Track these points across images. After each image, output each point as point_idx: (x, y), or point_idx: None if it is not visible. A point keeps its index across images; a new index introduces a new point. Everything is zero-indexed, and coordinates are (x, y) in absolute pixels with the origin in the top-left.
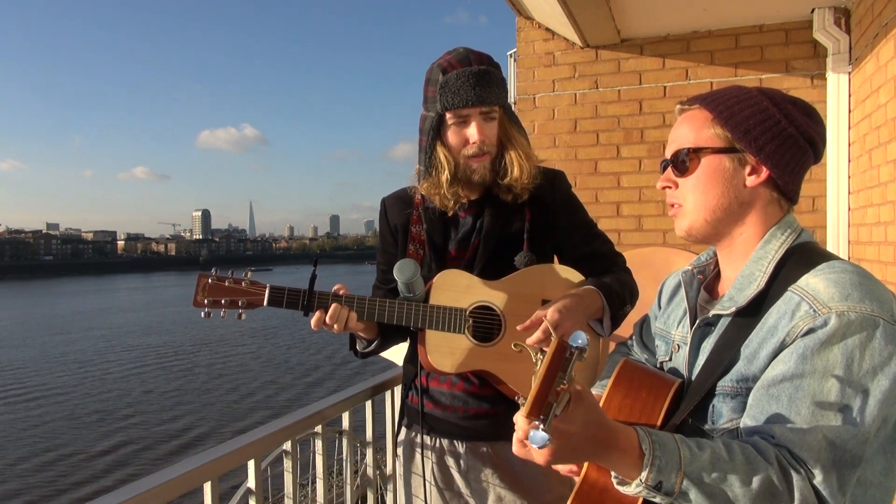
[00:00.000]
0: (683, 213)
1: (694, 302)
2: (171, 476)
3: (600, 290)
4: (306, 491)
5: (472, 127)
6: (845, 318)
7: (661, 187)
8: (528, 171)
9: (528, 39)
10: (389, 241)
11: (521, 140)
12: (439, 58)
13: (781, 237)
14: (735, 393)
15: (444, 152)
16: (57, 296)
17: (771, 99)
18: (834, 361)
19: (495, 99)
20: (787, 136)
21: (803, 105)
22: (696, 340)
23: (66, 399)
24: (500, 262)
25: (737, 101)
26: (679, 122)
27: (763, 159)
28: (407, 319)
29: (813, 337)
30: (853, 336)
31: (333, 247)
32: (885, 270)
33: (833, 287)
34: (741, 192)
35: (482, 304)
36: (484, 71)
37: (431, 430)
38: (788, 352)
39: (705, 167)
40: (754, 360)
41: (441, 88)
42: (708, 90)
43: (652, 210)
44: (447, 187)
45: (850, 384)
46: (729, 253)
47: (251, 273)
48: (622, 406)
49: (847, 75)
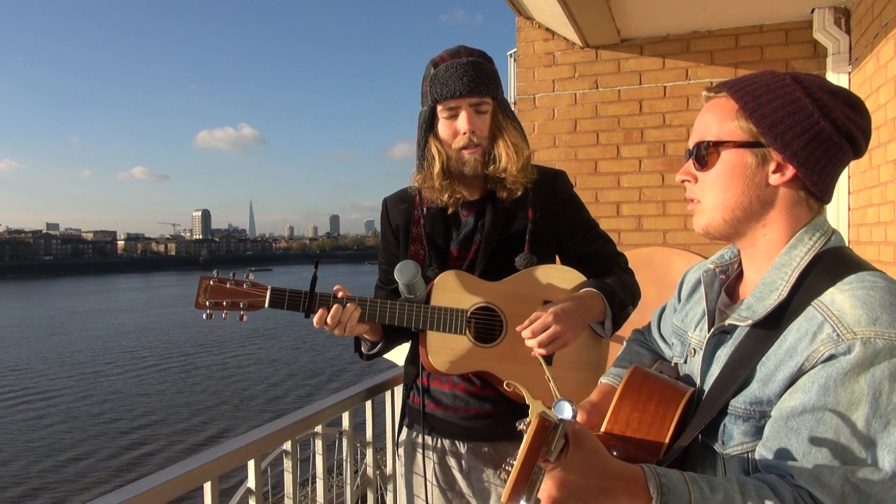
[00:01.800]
0: (701, 210)
1: (713, 305)
2: (171, 476)
3: (602, 293)
4: (306, 491)
5: (462, 118)
6: (871, 346)
7: (679, 181)
8: (518, 162)
9: (528, 39)
10: (391, 242)
11: (512, 132)
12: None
13: (809, 242)
14: (748, 416)
15: (436, 145)
16: (56, 296)
17: (805, 88)
18: (860, 394)
19: (485, 90)
20: (819, 132)
21: (846, 95)
22: (711, 348)
23: (61, 401)
24: (502, 262)
25: (766, 90)
26: (704, 110)
27: (789, 157)
28: (408, 321)
29: (835, 365)
30: (881, 366)
31: (333, 247)
32: (886, 270)
33: (860, 308)
34: (763, 190)
35: (483, 305)
36: (473, 62)
37: (433, 430)
38: (809, 380)
39: (726, 162)
40: (769, 383)
41: (431, 81)
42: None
43: (652, 210)
44: (439, 180)
45: (878, 420)
46: (751, 254)
47: (252, 274)
48: (630, 420)
49: (847, 75)
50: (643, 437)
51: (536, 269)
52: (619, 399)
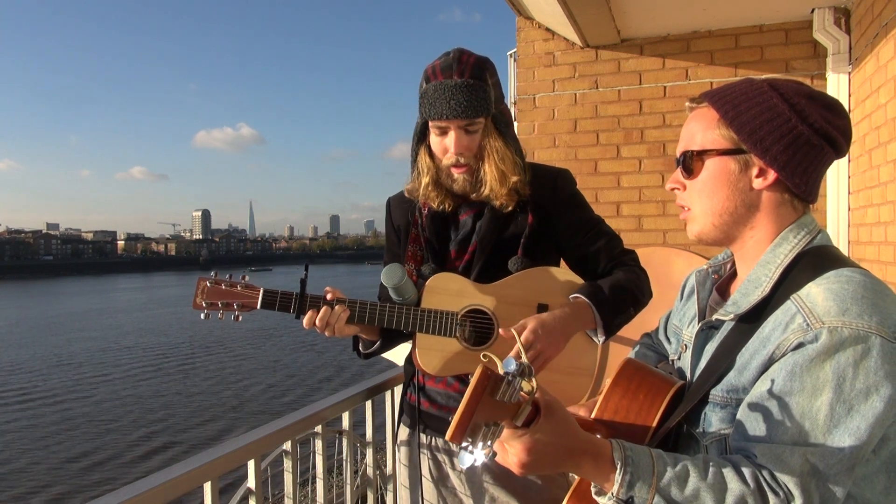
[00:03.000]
0: (693, 218)
1: (704, 303)
2: (171, 476)
3: (592, 301)
4: (306, 491)
5: (450, 138)
6: (837, 335)
7: (669, 189)
8: (504, 187)
9: (528, 39)
10: (394, 241)
11: (502, 152)
12: (436, 58)
13: (794, 240)
14: (724, 403)
15: (426, 158)
16: (56, 296)
17: (782, 95)
18: (825, 380)
19: (473, 112)
20: (797, 136)
21: (822, 98)
22: (700, 343)
23: (61, 401)
24: (499, 265)
25: (745, 98)
26: (688, 120)
27: (769, 161)
28: (398, 323)
29: (802, 352)
30: (845, 353)
31: (333, 247)
32: (886, 270)
33: (832, 300)
34: (748, 195)
35: (475, 308)
36: (462, 84)
37: (427, 427)
38: (778, 366)
39: (710, 170)
40: (744, 371)
41: (422, 97)
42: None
43: (652, 210)
44: (428, 191)
45: (840, 405)
46: (742, 255)
47: (249, 275)
48: (619, 406)
49: (847, 75)
50: (631, 422)
51: (532, 271)
52: (611, 388)
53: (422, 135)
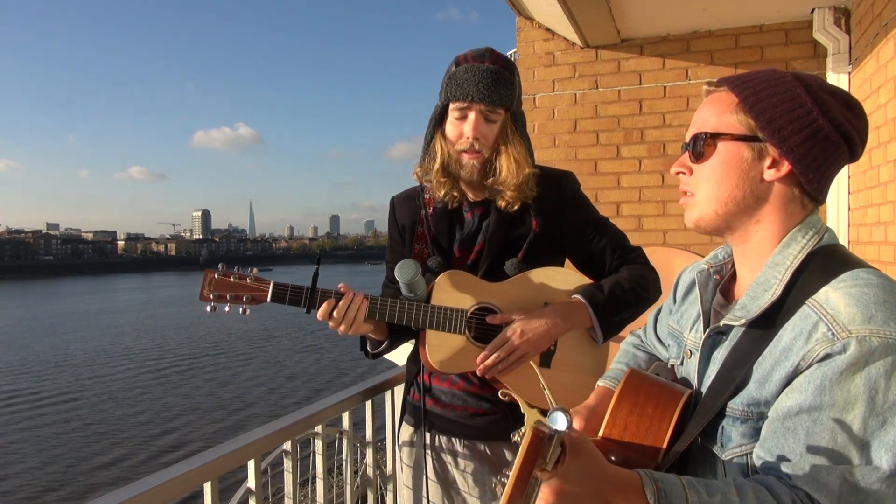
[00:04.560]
0: (694, 203)
1: (708, 306)
2: (171, 476)
3: (588, 301)
4: (306, 491)
5: (469, 122)
6: (867, 345)
7: (674, 172)
8: (518, 178)
9: (528, 39)
10: (398, 240)
11: (518, 147)
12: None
13: (802, 240)
14: (745, 417)
15: (440, 142)
16: (56, 296)
17: (806, 86)
18: (856, 393)
19: (498, 100)
20: (818, 129)
21: (844, 96)
22: (707, 350)
23: (61, 401)
24: (501, 265)
25: (767, 86)
26: (703, 104)
27: (785, 152)
28: (408, 319)
29: (831, 365)
30: (876, 364)
31: (333, 247)
32: (886, 270)
33: (854, 306)
34: (758, 185)
35: (484, 306)
36: (493, 70)
37: (432, 427)
38: (805, 379)
39: (722, 154)
40: (766, 384)
41: (449, 79)
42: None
43: (652, 210)
44: (437, 176)
45: (874, 418)
46: (744, 251)
47: (256, 270)
48: (627, 424)
49: (847, 75)
50: (641, 441)
51: (538, 271)
52: (617, 403)
53: (440, 118)
